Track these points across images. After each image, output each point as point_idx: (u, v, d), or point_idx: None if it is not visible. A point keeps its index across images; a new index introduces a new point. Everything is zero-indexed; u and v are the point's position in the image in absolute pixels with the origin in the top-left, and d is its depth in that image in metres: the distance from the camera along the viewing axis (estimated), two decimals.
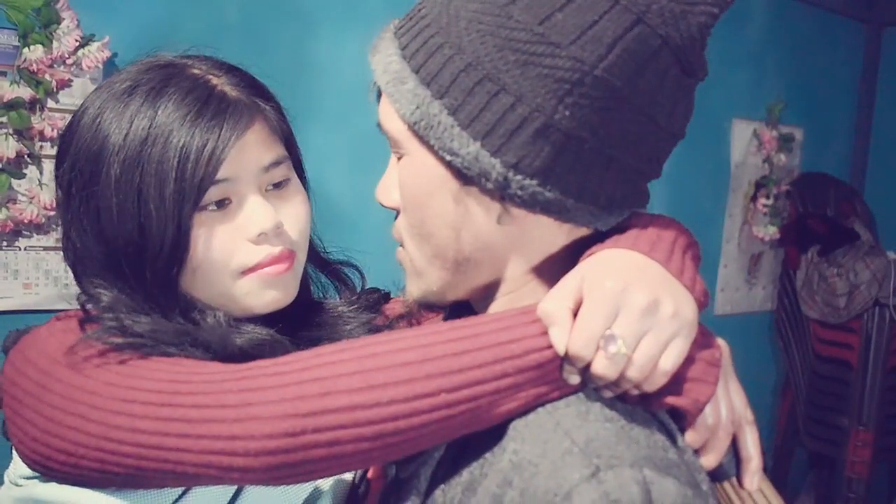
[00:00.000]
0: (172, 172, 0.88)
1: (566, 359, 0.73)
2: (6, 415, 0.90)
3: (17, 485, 0.92)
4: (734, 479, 0.82)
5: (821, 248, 3.39)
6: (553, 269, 0.81)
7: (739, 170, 3.41)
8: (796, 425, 3.47)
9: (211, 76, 0.94)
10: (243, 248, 0.93)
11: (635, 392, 0.74)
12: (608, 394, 0.74)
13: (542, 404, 0.75)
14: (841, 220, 3.41)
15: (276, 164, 0.96)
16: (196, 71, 0.94)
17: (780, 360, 3.64)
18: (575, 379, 0.74)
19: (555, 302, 0.73)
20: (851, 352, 3.26)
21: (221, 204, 0.92)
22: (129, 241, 0.89)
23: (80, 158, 0.92)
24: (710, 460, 0.78)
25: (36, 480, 0.89)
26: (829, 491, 3.53)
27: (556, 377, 0.74)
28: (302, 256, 1.00)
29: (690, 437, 0.78)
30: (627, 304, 0.71)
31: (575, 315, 0.73)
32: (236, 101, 0.93)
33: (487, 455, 0.77)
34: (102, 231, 0.91)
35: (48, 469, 0.85)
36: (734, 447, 0.82)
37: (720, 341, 0.80)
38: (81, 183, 0.92)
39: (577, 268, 0.76)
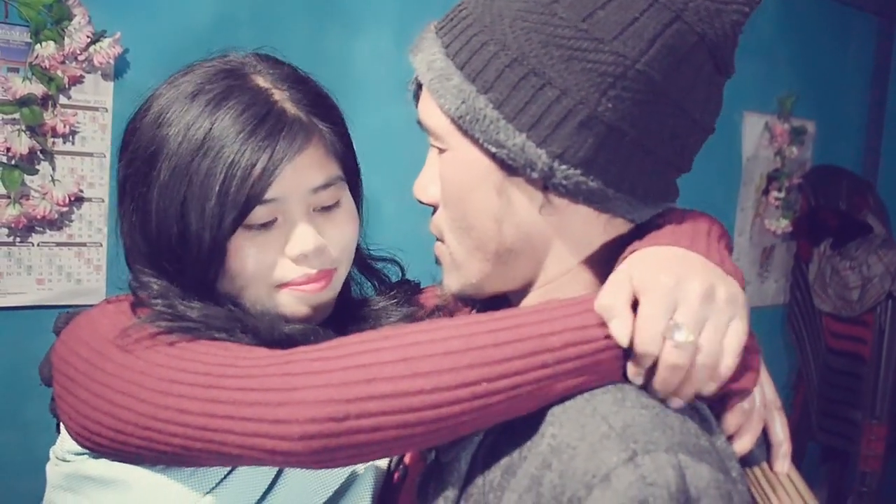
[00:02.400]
0: (216, 187, 0.89)
1: (632, 359, 0.75)
2: (56, 392, 0.93)
3: (64, 460, 0.94)
4: (764, 465, 0.84)
5: (833, 241, 3.37)
6: (589, 263, 0.85)
7: (751, 163, 3.39)
8: (809, 419, 3.46)
9: (275, 90, 0.95)
10: (282, 264, 0.95)
11: (712, 387, 0.75)
12: (678, 403, 0.75)
13: (581, 392, 0.77)
14: (853, 212, 3.39)
15: (327, 185, 0.96)
16: (260, 82, 0.95)
17: (792, 354, 3.63)
18: (639, 380, 0.76)
19: (611, 296, 0.75)
20: (864, 345, 3.25)
21: (269, 223, 0.94)
22: (170, 244, 0.92)
23: (137, 157, 0.95)
24: (743, 444, 0.80)
25: (85, 457, 0.92)
26: (842, 485, 3.51)
27: (593, 368, 0.76)
28: (343, 271, 1.02)
29: (728, 422, 0.80)
30: (685, 296, 0.73)
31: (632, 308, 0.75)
32: (293, 120, 0.93)
33: (526, 440, 0.79)
34: (147, 229, 0.94)
35: (97, 445, 0.88)
36: (764, 434, 0.83)
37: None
38: (134, 181, 0.95)
39: (622, 264, 0.79)
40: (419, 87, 0.87)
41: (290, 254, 0.95)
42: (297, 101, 0.96)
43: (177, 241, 0.92)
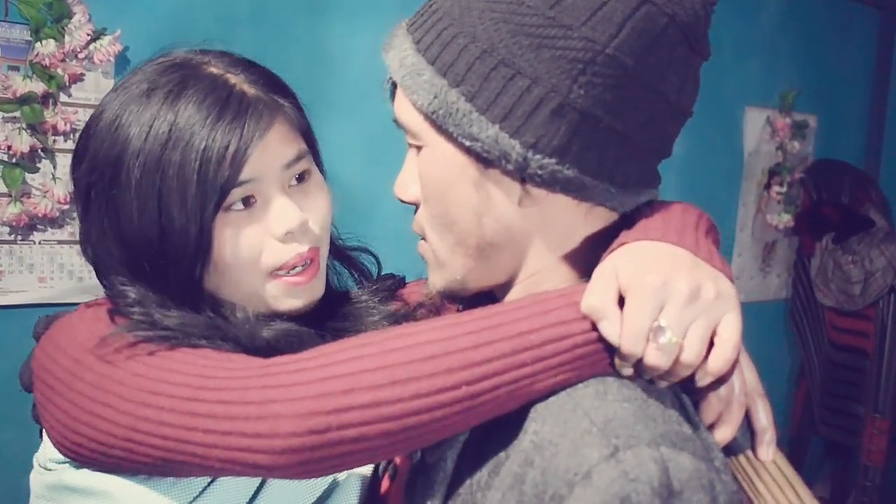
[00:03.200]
0: (194, 175, 0.88)
1: (618, 354, 0.74)
2: (37, 399, 0.92)
3: (47, 468, 0.93)
4: (749, 452, 0.83)
5: (835, 235, 3.37)
6: (573, 256, 0.84)
7: (753, 158, 3.39)
8: (812, 414, 3.46)
9: (229, 75, 0.94)
10: (271, 246, 0.94)
11: (709, 380, 0.75)
12: (663, 383, 0.76)
13: (564, 388, 0.76)
14: (855, 207, 3.38)
15: (298, 159, 0.96)
16: (213, 70, 0.94)
17: (794, 349, 3.62)
18: (628, 371, 0.75)
19: (597, 296, 0.74)
20: (867, 339, 3.24)
21: (247, 202, 0.93)
22: (151, 244, 0.90)
23: (98, 161, 0.93)
24: (724, 433, 0.79)
25: (67, 465, 0.91)
26: (845, 479, 3.52)
27: (572, 363, 0.75)
28: (325, 251, 1.01)
29: (706, 411, 0.79)
30: (672, 296, 0.73)
31: (619, 305, 0.74)
32: (255, 100, 0.93)
33: (511, 437, 0.78)
34: (123, 233, 0.92)
35: (79, 455, 0.87)
36: (747, 421, 0.82)
37: None
38: (101, 186, 0.93)
39: (609, 259, 0.78)
40: (395, 85, 0.86)
41: (276, 232, 0.93)
42: (254, 83, 0.95)
43: (158, 238, 0.90)
